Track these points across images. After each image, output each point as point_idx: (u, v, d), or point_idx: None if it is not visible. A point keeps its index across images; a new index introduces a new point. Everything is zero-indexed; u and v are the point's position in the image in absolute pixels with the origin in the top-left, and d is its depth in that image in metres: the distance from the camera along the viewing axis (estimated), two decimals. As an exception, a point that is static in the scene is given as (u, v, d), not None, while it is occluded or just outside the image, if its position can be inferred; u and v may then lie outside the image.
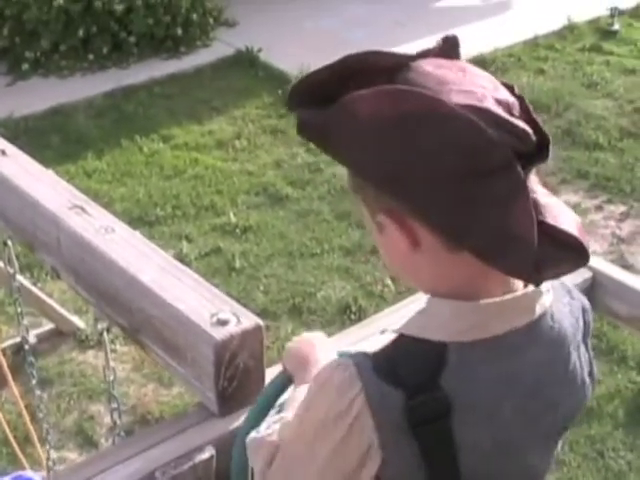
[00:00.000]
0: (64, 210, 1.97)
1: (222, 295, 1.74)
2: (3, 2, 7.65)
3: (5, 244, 2.26)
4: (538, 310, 1.35)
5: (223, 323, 1.65)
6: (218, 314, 1.66)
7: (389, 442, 1.29)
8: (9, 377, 3.71)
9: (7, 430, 3.76)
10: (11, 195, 2.11)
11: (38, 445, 3.70)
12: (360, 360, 1.30)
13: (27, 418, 3.78)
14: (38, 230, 2.04)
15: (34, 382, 2.63)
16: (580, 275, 2.10)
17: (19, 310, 2.46)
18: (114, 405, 2.00)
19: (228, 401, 1.69)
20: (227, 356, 1.63)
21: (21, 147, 2.29)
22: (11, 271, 2.32)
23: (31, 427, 3.71)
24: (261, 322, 1.68)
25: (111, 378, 1.96)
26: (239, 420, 1.69)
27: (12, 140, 2.35)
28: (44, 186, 2.08)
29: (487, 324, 1.32)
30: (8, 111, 6.95)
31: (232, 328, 1.64)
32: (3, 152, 2.21)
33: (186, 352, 1.70)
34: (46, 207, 1.99)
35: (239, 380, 1.68)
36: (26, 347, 2.54)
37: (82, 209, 1.98)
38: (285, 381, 1.61)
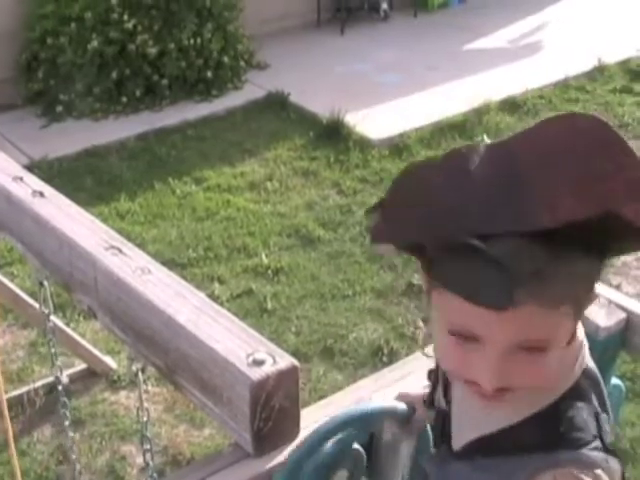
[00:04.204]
0: (101, 251, 1.99)
1: (258, 335, 1.75)
2: (38, 46, 7.77)
3: (41, 284, 2.27)
4: None
5: (259, 363, 1.65)
6: (254, 354, 1.66)
7: None
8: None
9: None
10: (49, 236, 2.13)
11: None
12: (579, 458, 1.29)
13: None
14: (75, 270, 2.06)
15: (67, 423, 2.63)
16: (614, 316, 2.08)
17: (53, 350, 2.47)
18: (147, 446, 2.00)
19: (263, 441, 1.69)
20: (263, 396, 1.63)
21: (55, 188, 2.32)
22: (46, 311, 2.33)
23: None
24: (297, 362, 1.69)
25: (145, 419, 1.96)
26: (274, 460, 1.69)
27: (46, 181, 2.37)
28: (81, 227, 2.10)
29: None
30: (43, 153, 7.03)
31: (268, 368, 1.64)
32: (41, 194, 2.23)
33: (222, 392, 1.70)
34: (83, 248, 2.01)
35: (274, 421, 1.67)
36: (59, 388, 2.54)
37: (119, 250, 1.99)
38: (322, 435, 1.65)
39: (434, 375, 1.57)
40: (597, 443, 1.30)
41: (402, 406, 1.73)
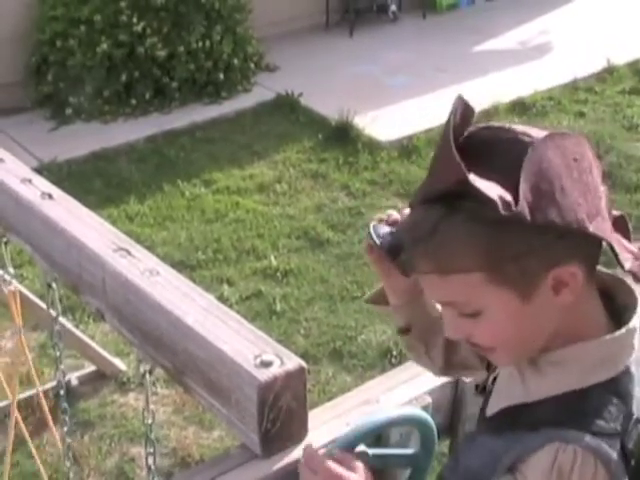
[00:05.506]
0: (109, 252, 1.99)
1: (265, 337, 1.75)
2: (48, 48, 7.78)
3: (50, 286, 2.27)
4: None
5: (266, 365, 1.65)
6: (261, 356, 1.67)
7: None
8: (50, 420, 3.73)
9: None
10: (57, 238, 2.13)
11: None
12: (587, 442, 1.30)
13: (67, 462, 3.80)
14: (84, 272, 2.06)
15: (65, 429, 2.64)
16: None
17: (58, 354, 2.47)
18: (150, 450, 1.99)
19: (271, 442, 1.69)
20: (271, 398, 1.63)
21: (64, 191, 2.32)
22: (54, 314, 2.33)
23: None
24: (304, 364, 1.69)
25: (149, 421, 1.96)
26: (282, 461, 1.69)
27: (56, 184, 2.37)
28: (90, 229, 2.10)
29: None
30: (52, 155, 7.04)
31: (275, 370, 1.64)
32: (50, 196, 2.23)
33: (230, 393, 1.70)
34: (92, 249, 2.01)
35: (282, 422, 1.67)
36: (61, 392, 2.54)
37: (127, 252, 1.99)
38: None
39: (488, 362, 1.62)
40: (615, 442, 1.30)
41: (412, 411, 1.72)
